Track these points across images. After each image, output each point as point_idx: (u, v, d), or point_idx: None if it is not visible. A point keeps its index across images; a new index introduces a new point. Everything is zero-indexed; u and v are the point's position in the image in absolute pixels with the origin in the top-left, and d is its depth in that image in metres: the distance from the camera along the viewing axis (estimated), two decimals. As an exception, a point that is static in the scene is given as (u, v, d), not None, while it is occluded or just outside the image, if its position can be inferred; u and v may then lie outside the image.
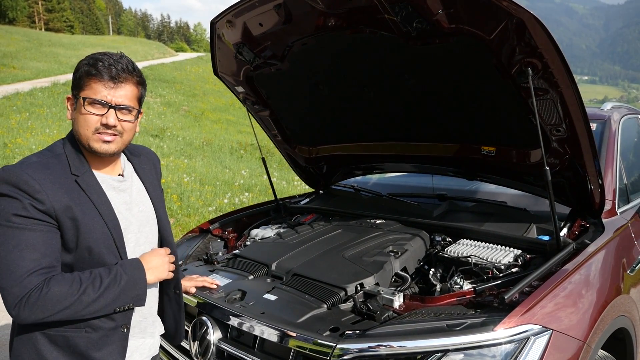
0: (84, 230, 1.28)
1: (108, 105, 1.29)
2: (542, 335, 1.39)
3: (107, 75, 1.29)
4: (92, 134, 1.30)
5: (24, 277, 1.18)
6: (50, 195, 1.23)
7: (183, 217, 6.51)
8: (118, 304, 1.29)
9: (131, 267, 1.33)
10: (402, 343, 1.38)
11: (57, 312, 1.20)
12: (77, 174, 1.31)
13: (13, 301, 1.17)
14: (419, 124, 2.44)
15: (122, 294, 1.28)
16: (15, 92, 14.44)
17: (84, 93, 1.29)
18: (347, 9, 1.89)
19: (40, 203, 1.22)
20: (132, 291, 1.31)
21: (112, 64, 1.29)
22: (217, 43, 2.38)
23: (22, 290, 1.17)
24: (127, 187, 1.44)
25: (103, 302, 1.25)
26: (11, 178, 1.21)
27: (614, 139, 2.43)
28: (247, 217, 2.92)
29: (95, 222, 1.30)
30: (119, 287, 1.28)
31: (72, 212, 1.26)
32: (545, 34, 1.56)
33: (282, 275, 1.98)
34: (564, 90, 1.70)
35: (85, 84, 1.29)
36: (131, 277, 1.31)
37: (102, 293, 1.25)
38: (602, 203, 2.02)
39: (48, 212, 1.23)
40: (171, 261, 1.47)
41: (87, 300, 1.22)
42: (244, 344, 1.68)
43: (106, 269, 1.29)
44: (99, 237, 1.30)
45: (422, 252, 2.11)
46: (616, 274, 1.87)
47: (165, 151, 11.24)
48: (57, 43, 31.10)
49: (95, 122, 1.29)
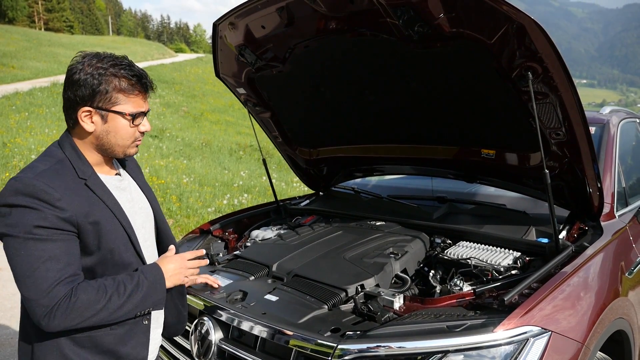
0: (105, 232, 1.29)
1: (144, 114, 1.36)
2: (542, 336, 1.40)
3: (144, 89, 1.35)
4: (132, 142, 1.37)
5: (52, 287, 1.18)
6: (69, 203, 1.23)
7: (182, 218, 6.52)
8: (140, 309, 1.31)
9: (151, 273, 1.35)
10: (403, 344, 1.39)
11: (86, 320, 1.21)
12: (84, 177, 1.31)
13: (42, 312, 1.17)
14: (420, 126, 2.45)
15: (144, 300, 1.31)
16: (15, 91, 14.44)
17: (124, 108, 1.30)
18: (349, 12, 1.90)
19: (63, 211, 1.21)
20: (153, 296, 1.33)
21: (143, 75, 1.33)
22: (219, 45, 2.40)
23: (51, 301, 1.17)
24: (126, 185, 1.46)
25: (127, 308, 1.27)
26: (27, 189, 1.20)
27: (612, 142, 2.45)
28: (247, 218, 2.93)
29: (112, 223, 1.31)
30: (142, 293, 1.30)
31: (91, 216, 1.27)
32: (545, 39, 1.57)
33: (283, 276, 1.99)
34: (564, 94, 1.71)
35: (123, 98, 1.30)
36: (152, 283, 1.33)
37: (127, 300, 1.27)
38: (601, 206, 2.03)
39: (70, 220, 1.23)
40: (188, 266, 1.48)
41: (112, 307, 1.24)
42: (245, 345, 1.69)
43: (128, 276, 1.31)
44: (118, 238, 1.32)
45: (422, 254, 2.12)
46: (614, 277, 1.89)
47: (165, 152, 11.24)
48: (56, 43, 31.10)
49: (135, 132, 1.36)
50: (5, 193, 1.21)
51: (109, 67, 1.28)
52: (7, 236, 1.19)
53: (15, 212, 1.19)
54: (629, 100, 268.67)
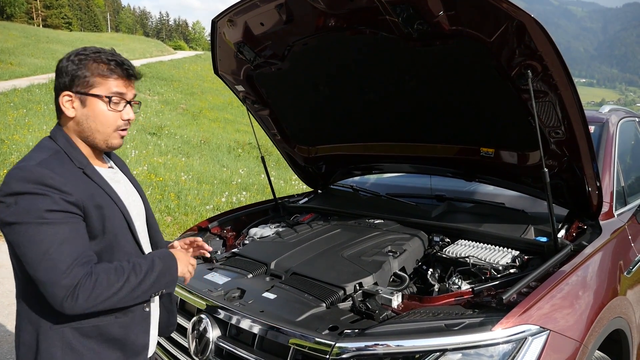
0: (108, 216, 1.30)
1: (125, 101, 1.34)
2: (540, 335, 1.40)
3: (124, 73, 1.32)
4: (114, 130, 1.34)
5: (71, 268, 1.18)
6: (74, 187, 1.24)
7: (180, 216, 6.51)
8: (155, 289, 1.32)
9: (164, 255, 1.38)
10: (401, 342, 1.39)
11: (107, 299, 1.22)
12: (81, 166, 1.32)
13: (64, 293, 1.17)
14: (418, 124, 2.45)
15: (158, 280, 1.32)
16: (13, 88, 14.39)
17: (101, 91, 1.30)
18: (348, 9, 1.90)
19: (69, 195, 1.22)
20: (166, 277, 1.35)
21: (123, 61, 1.33)
22: (218, 42, 2.39)
23: (72, 280, 1.17)
24: (120, 178, 1.47)
25: (144, 287, 1.28)
26: (33, 176, 1.20)
27: (611, 141, 2.45)
28: (245, 216, 2.93)
29: (113, 209, 1.33)
30: (156, 272, 1.32)
31: (96, 200, 1.28)
32: (545, 37, 1.57)
33: (281, 274, 1.98)
34: (563, 93, 1.71)
35: (99, 82, 1.30)
36: (165, 264, 1.35)
37: (143, 279, 1.28)
38: (600, 205, 2.03)
39: (77, 204, 1.24)
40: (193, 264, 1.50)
41: (131, 286, 1.25)
42: (243, 342, 1.68)
43: (142, 258, 1.34)
44: (120, 224, 1.34)
45: (421, 253, 2.12)
46: (613, 276, 1.89)
47: (163, 149, 11.22)
48: (55, 40, 31.00)
49: (117, 118, 1.33)
50: (10, 182, 1.20)
51: (90, 54, 1.31)
52: (18, 224, 1.18)
53: (23, 200, 1.19)
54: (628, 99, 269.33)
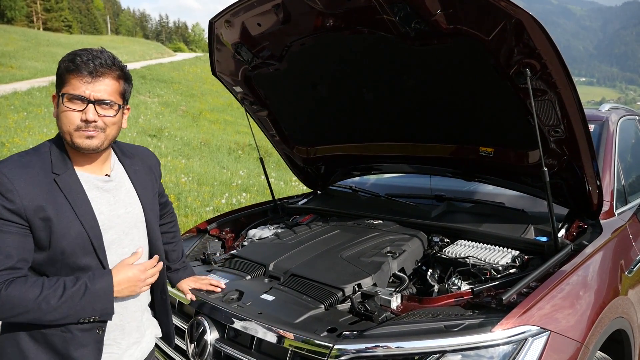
0: (57, 230, 1.25)
1: (87, 101, 1.27)
2: (540, 336, 1.38)
3: (85, 70, 1.27)
4: (75, 130, 1.28)
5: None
6: (22, 195, 1.21)
7: (180, 217, 6.50)
8: (82, 315, 1.26)
9: (99, 280, 1.29)
10: (400, 344, 1.38)
11: (15, 315, 1.19)
12: (57, 172, 1.29)
13: None
14: (417, 124, 2.44)
15: (86, 306, 1.25)
16: (13, 91, 14.42)
17: (64, 89, 1.28)
18: (346, 9, 1.89)
19: (10, 202, 1.20)
20: (96, 304, 1.27)
21: (90, 59, 1.27)
22: (216, 43, 2.38)
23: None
24: (112, 187, 1.41)
25: (65, 311, 1.23)
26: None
27: (611, 140, 2.43)
28: (244, 218, 2.92)
29: (70, 223, 1.27)
30: (82, 299, 1.24)
31: (44, 212, 1.24)
32: (543, 35, 1.56)
33: (279, 276, 1.97)
34: (562, 91, 1.70)
35: (65, 80, 1.28)
36: (96, 291, 1.27)
37: (64, 302, 1.22)
38: (600, 204, 2.02)
39: (18, 212, 1.21)
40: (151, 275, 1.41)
41: (46, 308, 1.20)
42: (241, 345, 1.67)
43: (72, 279, 1.26)
44: (74, 238, 1.27)
45: (420, 253, 2.11)
46: (614, 276, 1.87)
47: (163, 151, 11.23)
48: (55, 43, 31.04)
49: (76, 118, 1.28)
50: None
51: (70, 53, 1.29)
52: None
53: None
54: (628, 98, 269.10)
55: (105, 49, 1.34)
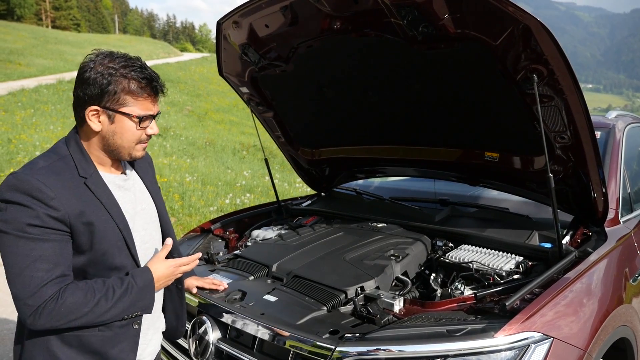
0: (98, 233, 1.28)
1: (152, 117, 1.35)
2: (543, 343, 1.38)
3: (154, 91, 1.33)
4: (136, 144, 1.35)
5: (39, 288, 1.18)
6: (63, 202, 1.22)
7: (184, 217, 6.52)
8: (127, 312, 1.31)
9: (142, 277, 1.34)
10: (402, 347, 1.38)
11: (72, 321, 1.22)
12: (85, 175, 1.30)
13: (28, 311, 1.18)
14: (423, 128, 2.43)
15: (132, 304, 1.30)
16: (21, 88, 14.50)
17: (132, 110, 1.29)
18: (353, 12, 1.89)
19: (55, 210, 1.21)
20: (141, 301, 1.33)
21: (153, 78, 1.32)
22: (223, 43, 2.39)
23: (37, 301, 1.17)
24: (130, 185, 1.45)
25: (114, 312, 1.27)
26: (23, 185, 1.19)
27: (618, 147, 2.42)
28: (248, 218, 2.92)
29: (107, 225, 1.30)
30: (130, 297, 1.29)
31: (85, 216, 1.26)
32: (551, 41, 1.55)
33: (282, 277, 1.97)
34: (569, 98, 1.69)
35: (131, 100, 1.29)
36: (141, 288, 1.32)
37: (115, 304, 1.26)
38: (605, 211, 2.01)
39: (62, 219, 1.22)
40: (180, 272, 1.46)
41: (99, 311, 1.24)
42: (243, 345, 1.67)
43: (118, 280, 1.30)
44: (112, 239, 1.31)
45: (424, 257, 2.11)
46: (618, 284, 1.86)
47: (168, 150, 11.26)
48: (63, 41, 31.24)
49: (141, 134, 1.34)
50: (3, 188, 1.20)
51: (120, 68, 1.27)
52: (1, 232, 1.19)
53: (10, 209, 1.19)
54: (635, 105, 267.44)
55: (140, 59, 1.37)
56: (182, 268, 1.45)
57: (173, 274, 1.43)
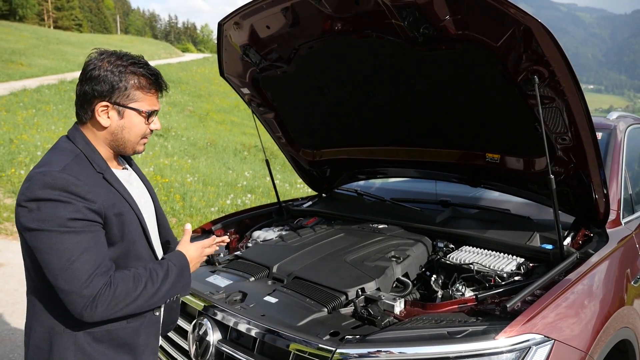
0: (128, 223, 1.32)
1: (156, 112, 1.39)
2: (544, 345, 1.37)
3: (160, 88, 1.38)
4: (140, 138, 1.38)
5: (91, 278, 1.20)
6: (97, 195, 1.25)
7: (185, 217, 6.52)
8: (171, 294, 1.35)
9: (178, 259, 1.40)
10: (403, 349, 1.38)
11: (126, 307, 1.24)
12: (101, 171, 1.33)
13: (85, 303, 1.19)
14: (424, 129, 2.43)
15: (174, 285, 1.35)
16: (23, 88, 14.53)
17: (141, 105, 1.34)
18: (354, 13, 1.89)
19: (93, 203, 1.23)
20: (181, 282, 1.37)
21: (158, 74, 1.37)
22: (224, 44, 2.39)
23: (92, 290, 1.19)
24: (133, 179, 1.48)
25: (160, 294, 1.31)
26: (57, 182, 1.20)
27: (619, 148, 2.42)
28: (249, 219, 2.92)
29: (131, 216, 1.35)
30: (172, 278, 1.34)
31: (116, 207, 1.30)
32: (552, 42, 1.55)
33: (283, 278, 1.97)
34: (570, 99, 1.69)
35: (140, 95, 1.33)
36: (180, 269, 1.38)
37: (160, 286, 1.31)
38: (607, 213, 2.00)
39: (99, 212, 1.25)
40: (205, 253, 1.54)
41: (148, 294, 1.28)
42: (244, 346, 1.67)
43: (157, 264, 1.36)
44: (136, 230, 1.36)
45: (424, 258, 2.10)
46: (620, 285, 1.86)
47: (169, 151, 11.27)
48: (65, 41, 31.31)
49: (146, 129, 1.38)
50: (34, 187, 1.20)
51: (129, 65, 1.32)
52: (39, 231, 1.18)
53: (46, 206, 1.19)
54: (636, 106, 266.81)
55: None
56: (207, 250, 1.53)
57: (201, 256, 1.50)
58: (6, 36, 26.30)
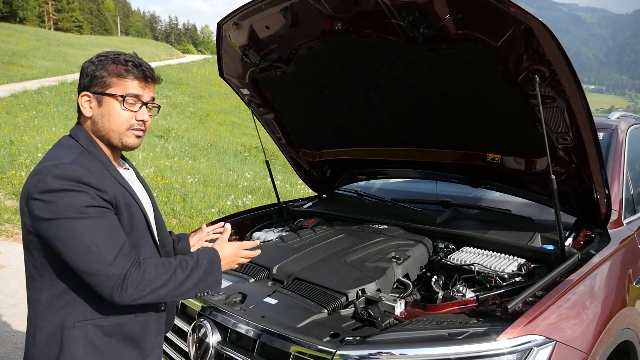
0: (135, 215, 1.33)
1: (141, 102, 1.35)
2: (546, 346, 1.36)
3: (140, 75, 1.34)
4: (126, 130, 1.35)
5: (117, 258, 1.20)
6: (108, 186, 1.26)
7: (186, 218, 6.52)
8: (199, 288, 1.33)
9: (208, 254, 1.40)
10: (403, 351, 1.37)
11: (155, 290, 1.24)
12: (105, 166, 1.33)
13: (114, 283, 1.19)
14: (424, 129, 2.42)
15: (203, 278, 1.34)
16: (24, 90, 14.56)
17: (116, 90, 1.32)
18: (354, 13, 1.88)
19: (104, 192, 1.24)
20: (211, 276, 1.36)
21: (141, 64, 1.35)
22: (224, 45, 2.38)
23: (120, 269, 1.20)
24: (134, 179, 1.48)
25: (189, 284, 1.30)
26: (70, 173, 1.21)
27: (620, 148, 2.41)
28: (249, 220, 2.91)
29: (137, 209, 1.35)
30: (201, 270, 1.33)
31: (125, 198, 1.31)
32: (553, 41, 1.54)
33: (283, 279, 1.96)
34: (572, 99, 1.68)
35: (116, 82, 1.32)
36: (210, 263, 1.37)
37: (189, 275, 1.30)
38: (608, 213, 1.99)
39: (110, 201, 1.26)
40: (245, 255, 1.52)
41: (177, 280, 1.27)
42: (243, 348, 1.66)
43: (187, 255, 1.36)
44: (141, 223, 1.36)
45: (425, 259, 2.10)
46: (621, 286, 1.85)
47: (170, 152, 11.27)
48: (65, 43, 31.37)
49: (130, 118, 1.34)
50: (47, 179, 1.20)
51: (110, 56, 1.34)
52: (58, 219, 1.19)
53: (60, 196, 1.19)
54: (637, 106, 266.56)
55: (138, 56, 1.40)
56: (244, 252, 1.52)
57: (237, 255, 1.49)
58: (7, 38, 26.36)
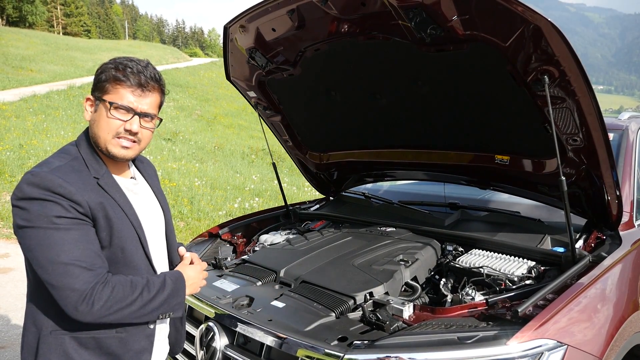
0: (117, 229, 1.29)
1: (133, 112, 1.30)
2: (557, 350, 1.34)
3: (136, 82, 1.30)
4: (112, 138, 1.31)
5: (83, 273, 1.18)
6: (85, 197, 1.23)
7: (193, 221, 6.54)
8: (162, 310, 1.30)
9: (174, 275, 1.36)
10: (412, 355, 1.35)
11: (121, 309, 1.21)
12: (97, 176, 1.31)
13: (78, 298, 1.16)
14: (432, 131, 2.41)
15: (167, 300, 1.30)
16: (32, 94, 14.70)
17: (109, 97, 1.29)
18: (361, 14, 1.88)
19: (78, 205, 1.22)
20: (174, 299, 1.33)
21: (141, 71, 1.30)
22: (230, 48, 2.39)
23: (85, 285, 1.17)
24: (139, 190, 1.45)
25: (154, 305, 1.27)
26: (44, 182, 1.20)
27: (631, 149, 2.38)
28: (256, 223, 2.91)
29: (123, 222, 1.31)
30: (166, 293, 1.30)
31: (105, 210, 1.27)
32: (562, 41, 1.53)
33: (290, 282, 1.96)
34: (581, 99, 1.66)
35: (112, 88, 1.29)
36: (175, 285, 1.34)
37: (155, 296, 1.27)
38: (620, 215, 1.97)
39: (86, 213, 1.23)
40: (204, 276, 1.50)
41: (143, 301, 1.25)
42: (251, 352, 1.66)
43: (154, 276, 1.33)
44: (129, 237, 1.32)
45: (433, 262, 2.08)
46: (633, 289, 1.82)
47: (177, 155, 11.33)
48: (74, 47, 31.64)
49: (117, 126, 1.30)
50: (23, 186, 1.20)
51: (117, 60, 1.31)
52: (28, 228, 1.18)
53: (34, 205, 1.19)
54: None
55: (150, 62, 1.36)
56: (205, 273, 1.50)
57: (199, 278, 1.46)
58: (16, 43, 26.64)
